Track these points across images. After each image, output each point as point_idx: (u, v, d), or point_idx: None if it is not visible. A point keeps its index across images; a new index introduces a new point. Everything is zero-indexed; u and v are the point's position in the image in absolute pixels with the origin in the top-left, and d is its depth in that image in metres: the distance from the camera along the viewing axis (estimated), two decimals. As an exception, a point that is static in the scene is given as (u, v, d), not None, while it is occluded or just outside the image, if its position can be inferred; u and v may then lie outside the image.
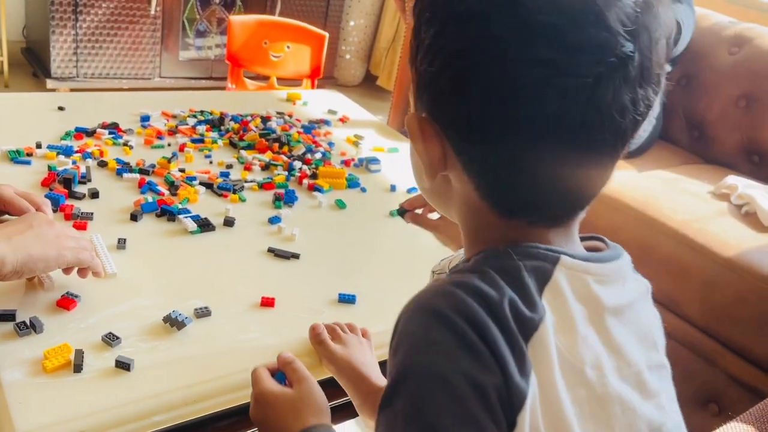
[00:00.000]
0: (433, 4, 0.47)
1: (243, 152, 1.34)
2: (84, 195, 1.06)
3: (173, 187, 1.14)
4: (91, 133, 1.28)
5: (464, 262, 0.53)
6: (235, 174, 1.26)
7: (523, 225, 0.49)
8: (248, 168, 1.29)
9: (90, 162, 1.17)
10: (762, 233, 1.70)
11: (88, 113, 1.37)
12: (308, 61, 2.48)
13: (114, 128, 1.32)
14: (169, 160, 1.23)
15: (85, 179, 1.11)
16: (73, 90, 2.84)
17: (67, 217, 0.99)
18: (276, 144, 1.39)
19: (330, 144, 1.49)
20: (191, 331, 0.81)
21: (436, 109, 0.48)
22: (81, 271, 0.83)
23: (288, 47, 2.46)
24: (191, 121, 1.43)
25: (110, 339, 0.75)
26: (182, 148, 1.30)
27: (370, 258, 1.01)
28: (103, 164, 1.17)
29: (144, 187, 1.12)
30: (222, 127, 1.44)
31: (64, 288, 0.83)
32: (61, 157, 1.15)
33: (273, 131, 1.45)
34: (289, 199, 1.19)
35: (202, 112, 1.50)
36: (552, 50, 0.42)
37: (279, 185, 1.24)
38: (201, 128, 1.41)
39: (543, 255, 0.48)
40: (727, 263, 1.57)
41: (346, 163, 1.41)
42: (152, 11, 2.85)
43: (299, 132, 1.50)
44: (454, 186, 0.52)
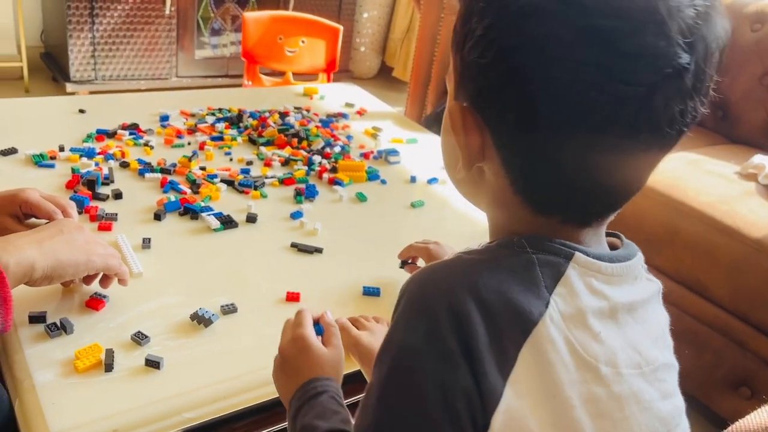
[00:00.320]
0: None
1: (262, 148, 1.34)
2: (108, 196, 1.07)
3: (195, 186, 1.14)
4: (112, 135, 1.29)
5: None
6: (256, 170, 1.26)
7: (555, 222, 0.49)
8: (268, 164, 1.29)
9: (112, 163, 1.18)
10: (792, 213, 1.66)
11: (108, 115, 1.38)
12: (323, 55, 2.47)
13: (134, 129, 1.33)
14: (190, 159, 1.23)
15: (108, 180, 1.12)
16: (93, 93, 2.87)
17: (92, 219, 1.00)
18: (295, 139, 1.39)
19: (348, 137, 1.49)
20: (218, 328, 0.82)
21: (482, 101, 0.47)
22: (103, 281, 0.84)
23: (303, 42, 2.45)
24: (210, 119, 1.44)
25: (139, 338, 0.76)
26: (202, 147, 1.30)
27: (393, 250, 1.01)
28: (125, 165, 1.18)
29: (166, 187, 1.12)
30: (241, 124, 1.45)
31: (92, 289, 0.84)
32: (84, 160, 1.16)
33: (291, 126, 1.45)
34: (310, 194, 1.19)
35: (221, 110, 1.50)
36: (609, 55, 0.42)
37: (299, 180, 1.24)
38: (220, 126, 1.41)
39: (557, 250, 0.47)
40: (757, 244, 1.54)
41: (366, 156, 1.41)
42: (167, 11, 2.86)
43: (317, 126, 1.49)
44: (488, 178, 0.51)
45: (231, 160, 1.29)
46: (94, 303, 0.81)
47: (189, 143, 1.32)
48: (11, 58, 2.89)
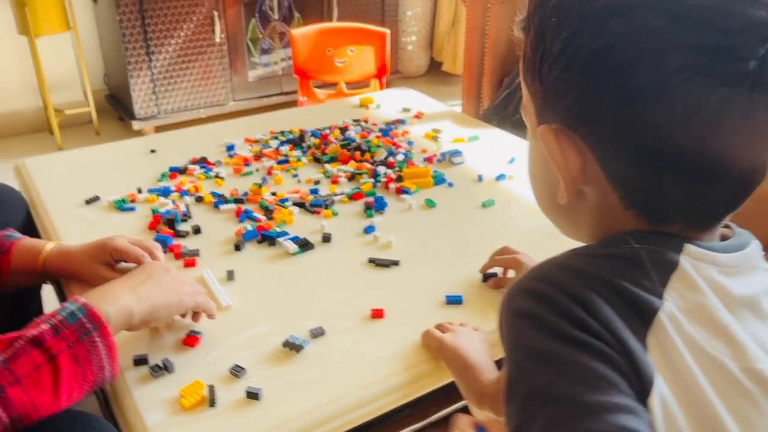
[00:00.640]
0: (560, 7, 0.45)
1: (327, 166, 1.36)
2: (188, 232, 1.11)
3: (268, 212, 1.17)
4: (184, 171, 1.34)
5: None
6: (324, 189, 1.28)
7: (675, 231, 0.46)
8: (335, 181, 1.30)
9: (188, 199, 1.22)
10: None
11: (178, 151, 1.44)
12: (373, 61, 2.48)
13: (203, 162, 1.37)
14: (260, 186, 1.26)
15: (187, 216, 1.16)
16: (157, 127, 2.99)
17: (177, 257, 1.04)
18: (357, 152, 1.40)
19: (409, 143, 1.49)
20: (309, 353, 0.83)
21: (575, 116, 0.45)
22: (194, 316, 0.87)
23: (351, 51, 2.47)
24: (274, 143, 1.47)
25: (237, 371, 0.79)
26: (270, 172, 1.33)
27: (470, 254, 1.00)
28: (200, 199, 1.22)
29: (242, 216, 1.16)
30: (303, 144, 1.47)
31: (183, 326, 0.87)
32: (161, 199, 1.21)
33: (353, 140, 1.46)
34: (380, 206, 1.20)
35: (283, 133, 1.53)
36: (710, 35, 0.40)
37: (367, 193, 1.25)
38: (284, 149, 1.44)
39: (665, 242, 0.45)
40: None
41: (429, 160, 1.40)
42: (217, 39, 2.94)
43: (378, 136, 1.50)
44: (591, 200, 0.48)
45: (299, 182, 1.31)
46: (191, 340, 0.84)
47: (257, 170, 1.36)
48: (80, 104, 3.04)
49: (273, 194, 1.24)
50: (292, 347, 0.82)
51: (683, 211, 0.46)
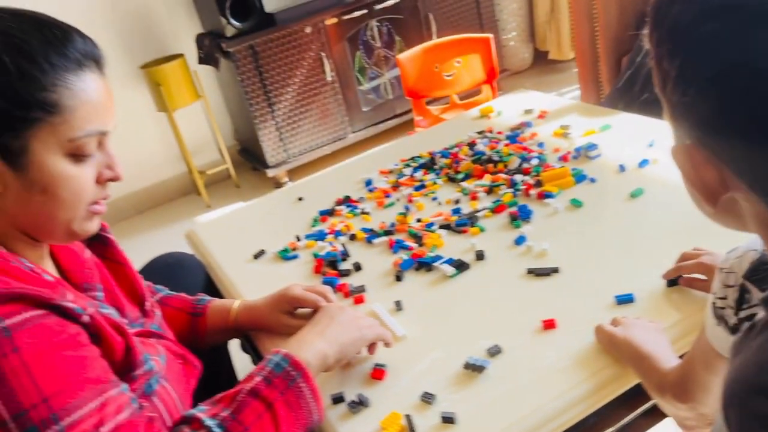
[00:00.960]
0: (672, 33, 0.46)
1: (463, 183, 1.39)
2: (350, 270, 1.18)
3: (418, 239, 1.22)
4: (332, 212, 1.42)
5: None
6: (465, 207, 1.30)
7: None
8: (474, 197, 1.33)
9: (342, 239, 1.30)
10: None
11: (320, 194, 1.53)
12: (481, 67, 2.49)
13: (348, 201, 1.45)
14: (405, 215, 1.32)
15: (345, 255, 1.23)
16: (289, 171, 3.18)
17: (346, 295, 1.11)
18: (490, 165, 1.42)
19: (540, 145, 1.48)
20: (491, 372, 0.86)
21: (705, 134, 0.46)
22: (371, 348, 0.93)
23: (458, 62, 2.50)
24: (407, 171, 1.52)
25: (427, 397, 0.83)
26: (410, 199, 1.38)
27: (632, 247, 0.98)
28: (353, 237, 1.29)
29: (395, 247, 1.21)
30: (435, 166, 1.51)
31: (368, 359, 0.93)
32: (319, 243, 1.30)
33: (483, 153, 1.48)
34: (525, 215, 1.20)
35: (413, 158, 1.59)
36: None
37: (509, 204, 1.26)
38: (418, 174, 1.49)
39: None
40: None
41: (564, 159, 1.39)
42: (328, 78, 3.08)
43: (506, 144, 1.51)
44: (742, 204, 0.49)
45: (440, 204, 1.35)
46: (378, 373, 0.90)
47: (398, 199, 1.41)
48: (218, 163, 3.31)
49: (418, 221, 1.29)
50: (474, 368, 0.86)
51: None
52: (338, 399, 0.87)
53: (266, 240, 1.36)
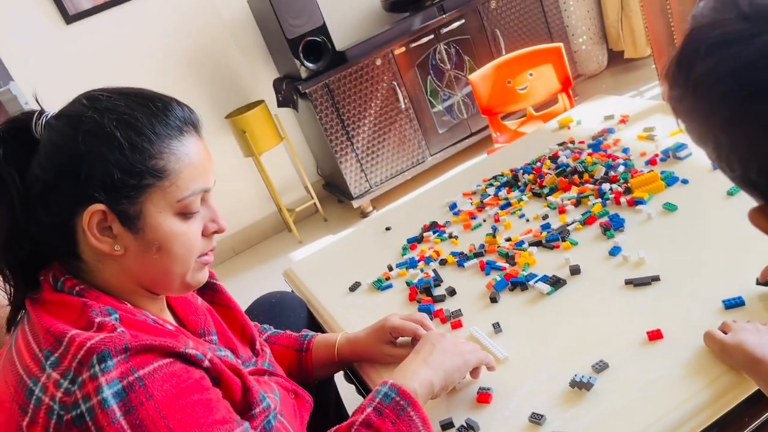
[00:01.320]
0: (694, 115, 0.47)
1: (550, 198, 1.38)
2: (444, 296, 1.20)
3: (510, 258, 1.22)
4: (421, 239, 1.45)
5: None
6: (554, 221, 1.29)
7: None
8: (562, 211, 1.32)
9: (433, 264, 1.32)
10: None
11: (407, 222, 1.56)
12: (555, 77, 2.47)
13: (435, 227, 1.47)
14: (493, 235, 1.32)
15: (438, 281, 1.25)
16: (373, 200, 3.25)
17: (443, 321, 1.12)
18: (575, 176, 1.40)
19: (625, 150, 1.45)
20: (600, 388, 0.85)
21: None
22: (474, 372, 0.94)
23: (530, 75, 2.49)
24: (491, 191, 1.53)
25: (536, 418, 0.83)
26: (497, 219, 1.39)
27: (735, 247, 0.94)
28: (444, 262, 1.31)
29: (486, 269, 1.22)
30: (519, 183, 1.51)
31: (471, 383, 0.94)
32: (411, 271, 1.33)
33: (566, 165, 1.47)
34: (617, 224, 1.18)
35: (495, 177, 1.59)
36: None
37: (600, 215, 1.24)
38: (502, 193, 1.49)
39: None
40: None
41: (652, 162, 1.36)
42: (402, 105, 3.14)
43: (590, 153, 1.49)
44: None
45: (527, 221, 1.35)
46: (484, 397, 0.90)
47: (484, 220, 1.42)
48: (305, 199, 3.43)
49: (508, 240, 1.29)
50: (581, 386, 0.85)
51: None
52: (448, 425, 0.88)
53: (360, 271, 1.40)
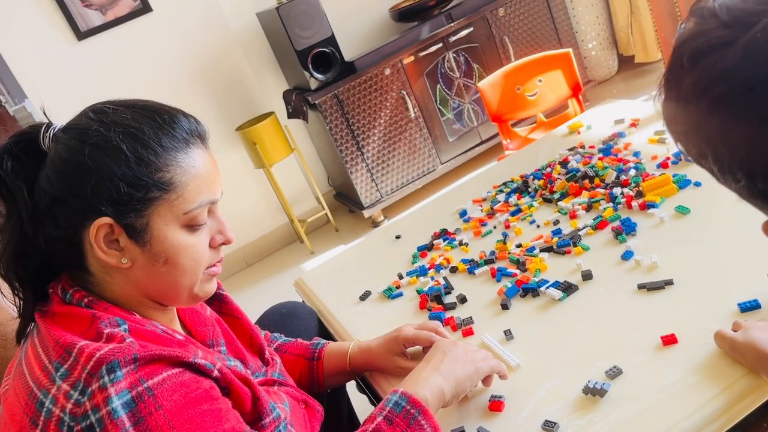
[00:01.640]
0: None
1: (560, 203, 1.37)
2: (455, 303, 1.19)
3: (521, 265, 1.21)
4: (431, 247, 1.44)
5: None
6: (565, 227, 1.28)
7: None
8: (573, 216, 1.30)
9: (443, 272, 1.31)
10: None
11: (417, 230, 1.55)
12: (564, 83, 2.46)
13: (445, 234, 1.46)
14: (504, 241, 1.31)
15: (448, 289, 1.24)
16: (384, 209, 3.24)
17: (454, 329, 1.11)
18: (586, 181, 1.39)
19: (636, 154, 1.44)
20: (614, 394, 0.83)
21: None
22: (486, 380, 0.93)
23: (540, 81, 2.48)
24: (501, 197, 1.52)
25: (550, 426, 0.82)
26: (507, 225, 1.38)
27: (750, 250, 0.93)
28: (454, 270, 1.30)
29: (497, 275, 1.21)
30: (529, 189, 1.50)
31: (482, 392, 0.93)
32: (421, 279, 1.32)
33: (577, 170, 1.45)
34: (629, 228, 1.17)
35: (505, 184, 1.58)
36: None
37: (611, 219, 1.23)
38: (512, 199, 1.48)
39: None
40: None
41: (663, 165, 1.34)
42: (412, 114, 3.14)
43: (600, 158, 1.48)
44: None
45: (538, 227, 1.34)
46: (496, 405, 0.89)
47: (495, 227, 1.41)
48: (316, 210, 3.43)
49: (518, 246, 1.28)
50: (595, 393, 0.83)
51: None
52: (459, 433, 0.87)
53: (370, 280, 1.40)
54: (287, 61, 3.14)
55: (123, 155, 0.73)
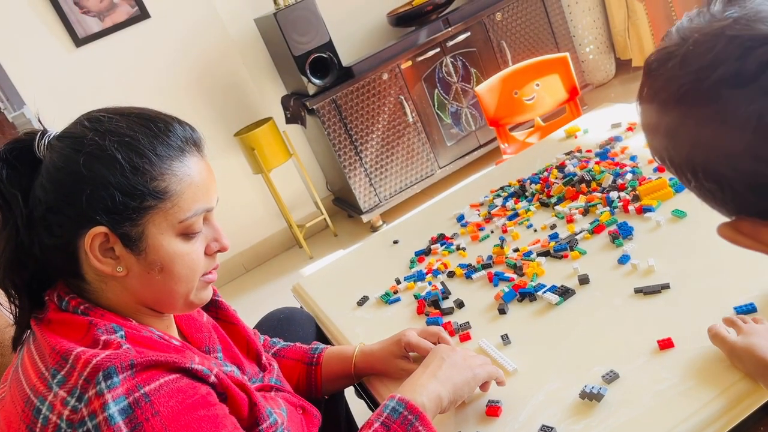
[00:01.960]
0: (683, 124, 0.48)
1: (557, 207, 1.37)
2: (453, 308, 1.19)
3: (518, 269, 1.21)
4: (428, 252, 1.44)
5: None
6: (562, 231, 1.28)
7: None
8: (570, 220, 1.31)
9: (441, 277, 1.31)
10: None
11: (414, 235, 1.55)
12: (562, 87, 2.46)
13: (442, 239, 1.47)
14: (501, 246, 1.31)
15: (446, 294, 1.24)
16: (383, 214, 3.24)
17: (452, 334, 1.11)
18: (583, 185, 1.40)
19: (632, 158, 1.44)
20: (611, 399, 0.83)
21: (746, 208, 0.49)
22: (484, 385, 0.93)
23: (537, 85, 2.48)
24: (498, 201, 1.52)
25: (546, 430, 0.81)
26: (505, 230, 1.38)
27: (745, 254, 0.92)
28: (452, 274, 1.30)
29: (494, 280, 1.21)
30: (526, 193, 1.50)
31: (479, 397, 0.93)
32: (419, 283, 1.32)
33: (574, 174, 1.46)
34: (626, 233, 1.17)
35: (503, 188, 1.58)
36: None
37: (608, 223, 1.23)
38: (509, 203, 1.48)
39: None
40: None
41: (660, 169, 1.34)
42: (410, 119, 3.15)
43: (597, 162, 1.48)
44: None
45: (535, 231, 1.34)
46: (493, 410, 0.89)
47: (492, 231, 1.41)
48: (315, 215, 3.44)
49: (516, 251, 1.28)
50: (592, 397, 0.83)
51: None
52: (456, 439, 0.87)
53: (368, 286, 1.40)
54: (285, 67, 3.15)
55: (118, 164, 0.73)
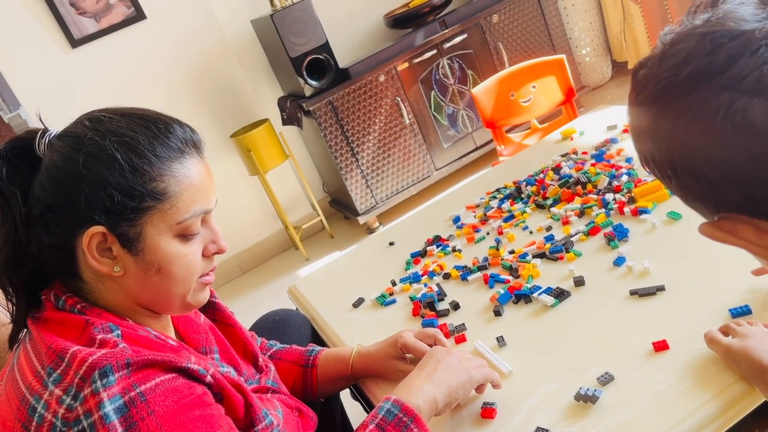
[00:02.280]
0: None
1: (553, 209, 1.37)
2: (448, 310, 1.19)
3: (513, 271, 1.21)
4: (424, 254, 1.44)
5: None
6: (558, 233, 1.29)
7: None
8: (566, 222, 1.31)
9: (437, 279, 1.31)
10: None
11: (410, 236, 1.55)
12: (558, 89, 2.47)
13: (438, 241, 1.47)
14: (497, 248, 1.31)
15: (441, 296, 1.24)
16: (379, 215, 3.25)
17: (447, 336, 1.11)
18: (579, 187, 1.40)
19: (628, 160, 1.45)
20: (606, 401, 0.83)
21: (724, 203, 0.49)
22: (479, 387, 0.93)
23: (533, 87, 2.49)
24: (494, 203, 1.52)
25: (541, 433, 0.82)
26: (500, 232, 1.38)
27: (740, 256, 0.92)
28: (447, 276, 1.30)
29: (490, 282, 1.21)
30: (522, 195, 1.50)
31: (475, 399, 0.93)
32: (414, 285, 1.32)
33: (569, 176, 1.46)
34: (621, 234, 1.17)
35: (498, 190, 1.59)
36: None
37: (603, 225, 1.23)
38: (505, 205, 1.49)
39: None
40: None
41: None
42: (407, 121, 3.15)
43: (593, 164, 1.48)
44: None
45: (531, 233, 1.34)
46: (488, 412, 0.89)
47: (488, 233, 1.41)
48: (311, 217, 3.43)
49: (511, 252, 1.29)
50: (587, 399, 0.83)
51: None
52: (452, 441, 0.87)
53: (363, 287, 1.40)
54: (282, 68, 3.15)
55: (117, 164, 0.73)
